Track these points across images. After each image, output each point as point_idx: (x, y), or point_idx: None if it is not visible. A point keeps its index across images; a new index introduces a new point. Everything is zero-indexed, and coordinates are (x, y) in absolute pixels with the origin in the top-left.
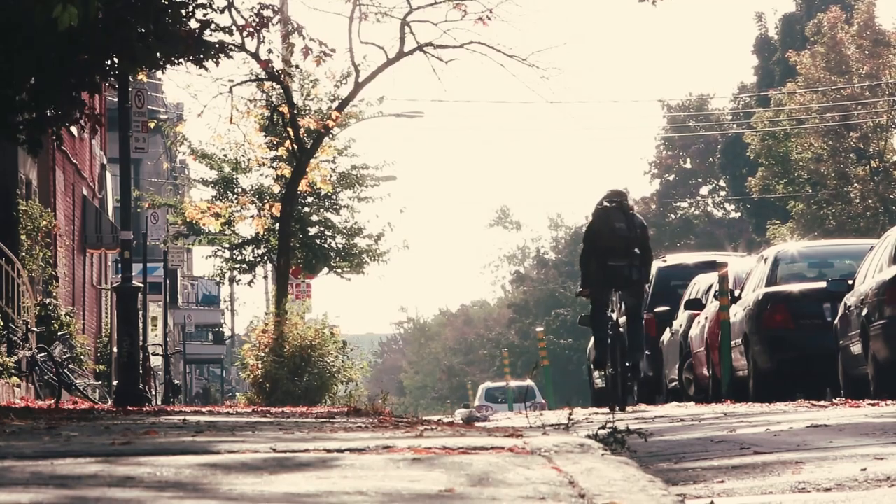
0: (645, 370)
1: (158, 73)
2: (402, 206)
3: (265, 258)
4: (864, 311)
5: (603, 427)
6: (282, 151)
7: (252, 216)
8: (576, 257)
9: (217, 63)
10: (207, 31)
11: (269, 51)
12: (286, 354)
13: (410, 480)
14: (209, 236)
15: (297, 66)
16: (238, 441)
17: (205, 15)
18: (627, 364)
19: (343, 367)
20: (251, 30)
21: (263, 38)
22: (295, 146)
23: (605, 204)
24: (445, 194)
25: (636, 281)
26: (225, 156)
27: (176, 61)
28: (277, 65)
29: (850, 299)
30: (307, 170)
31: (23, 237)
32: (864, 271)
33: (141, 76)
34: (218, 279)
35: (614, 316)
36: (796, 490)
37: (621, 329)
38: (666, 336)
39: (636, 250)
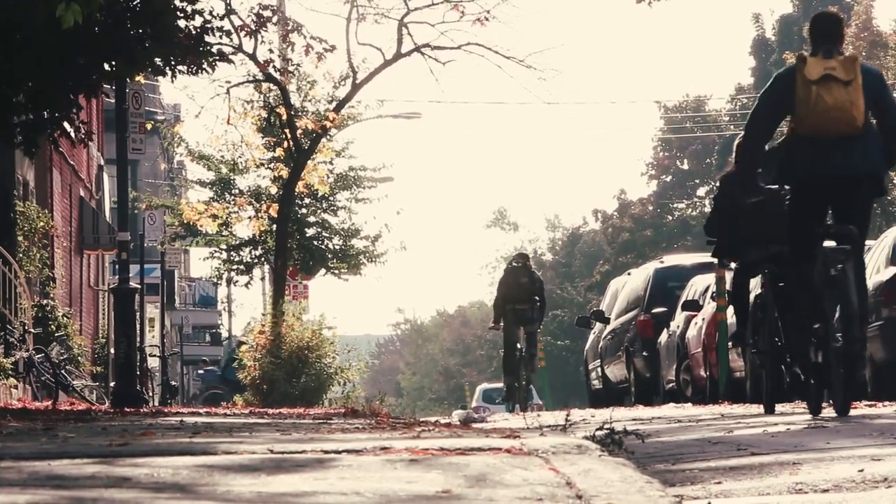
0: (643, 371)
1: (157, 76)
2: (400, 207)
3: (262, 259)
4: None
5: (600, 428)
6: (279, 152)
7: (249, 217)
8: (573, 258)
9: (213, 70)
10: (206, 35)
11: (270, 51)
12: (283, 356)
13: (407, 481)
14: (206, 237)
15: (298, 65)
16: (235, 442)
17: (204, 21)
18: (524, 375)
19: (340, 368)
20: (249, 30)
21: (262, 38)
22: (292, 147)
23: (514, 265)
24: (443, 195)
25: (534, 319)
26: (222, 157)
27: (174, 66)
28: (277, 65)
29: None
30: (304, 171)
31: (20, 238)
32: None
33: (139, 78)
34: (215, 280)
35: (519, 344)
36: (794, 491)
37: (523, 352)
38: (663, 337)
39: (535, 298)
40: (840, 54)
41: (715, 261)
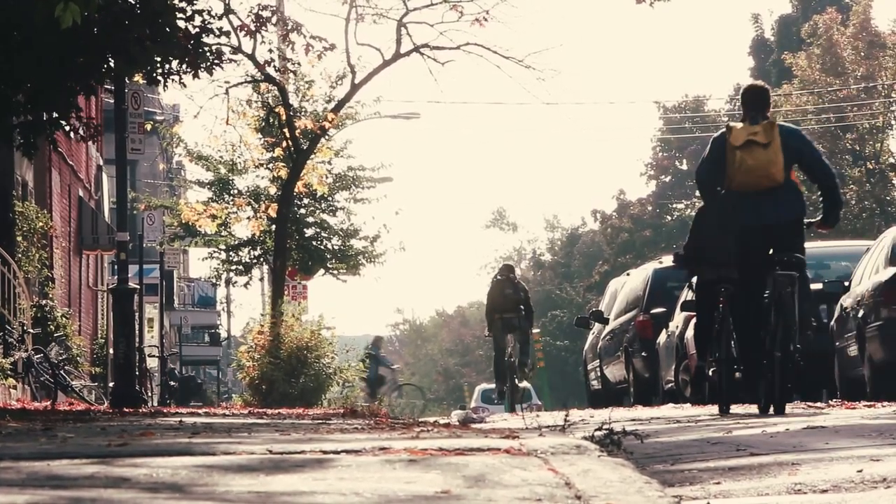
0: (642, 371)
1: (152, 85)
2: (398, 207)
3: (261, 260)
4: (861, 313)
5: (599, 428)
6: (278, 153)
7: (248, 218)
8: (572, 258)
9: (211, 73)
10: (205, 35)
11: (270, 51)
12: (282, 356)
13: (406, 482)
14: (205, 238)
15: (298, 64)
16: (234, 442)
17: (203, 21)
18: (517, 377)
19: (339, 368)
20: (248, 31)
21: (262, 39)
22: (291, 147)
23: (499, 277)
24: (442, 195)
25: (522, 326)
26: (221, 157)
27: (171, 71)
28: (276, 64)
29: (847, 301)
30: (303, 171)
31: (19, 239)
32: (860, 273)
33: (137, 78)
34: (214, 281)
35: (509, 349)
36: (792, 492)
37: (512, 357)
38: (662, 338)
39: (521, 307)
40: (765, 119)
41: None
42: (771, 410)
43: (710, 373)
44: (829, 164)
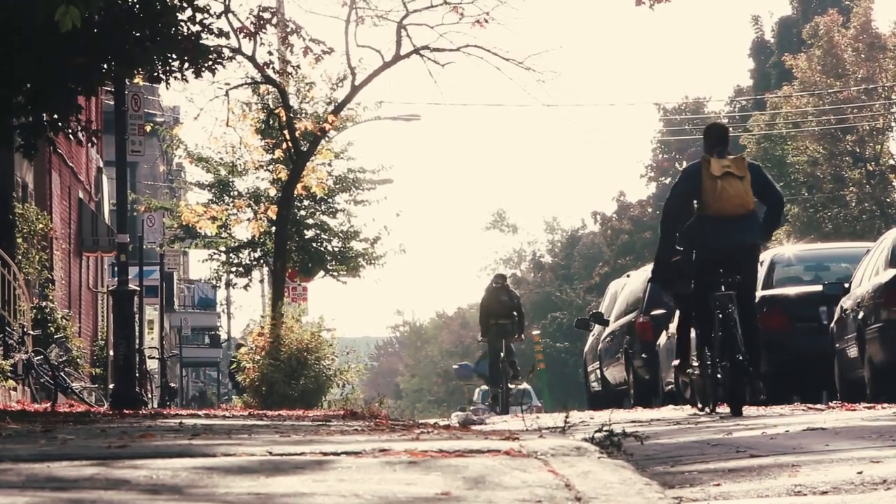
0: (642, 373)
1: (154, 84)
2: (399, 209)
3: (261, 261)
4: (861, 315)
5: (599, 430)
6: (278, 154)
7: (248, 219)
8: (572, 260)
9: (213, 73)
10: (204, 36)
11: (269, 52)
12: (282, 357)
13: (407, 483)
14: (205, 239)
15: (297, 66)
16: (234, 444)
17: (202, 22)
18: (510, 382)
19: (339, 370)
20: (248, 32)
21: (262, 40)
22: (291, 149)
23: (494, 285)
24: (442, 197)
25: (514, 331)
26: (221, 159)
27: (171, 72)
28: (276, 66)
29: (847, 302)
30: (303, 173)
31: (19, 240)
32: (860, 274)
33: (138, 79)
34: (214, 282)
35: (502, 353)
36: (792, 493)
37: (504, 360)
38: (662, 339)
39: (514, 313)
40: (728, 154)
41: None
42: (721, 410)
43: (687, 374)
44: (780, 191)
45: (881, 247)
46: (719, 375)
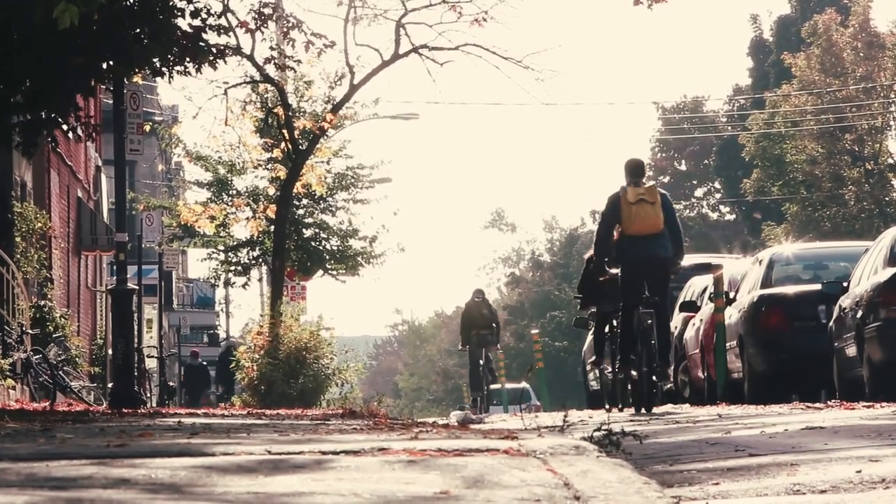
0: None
1: (155, 77)
2: (397, 208)
3: (260, 260)
4: (859, 314)
5: (598, 429)
6: (277, 153)
7: (247, 218)
8: (571, 259)
9: (215, 68)
10: (204, 34)
11: (271, 48)
12: (281, 356)
13: (405, 482)
14: (204, 238)
15: (298, 62)
16: (233, 443)
17: (202, 20)
18: (488, 388)
19: (338, 369)
20: (249, 28)
21: (263, 36)
22: (290, 148)
23: (475, 299)
24: (440, 196)
25: (493, 341)
26: (220, 158)
27: (172, 67)
28: (278, 62)
29: (845, 301)
30: (302, 171)
31: (17, 239)
32: (858, 273)
33: (137, 78)
34: (213, 281)
35: (481, 361)
36: (791, 492)
37: (483, 367)
38: None
39: (493, 324)
40: (644, 184)
41: (712, 262)
42: (643, 410)
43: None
44: (679, 222)
45: (880, 246)
46: (634, 375)
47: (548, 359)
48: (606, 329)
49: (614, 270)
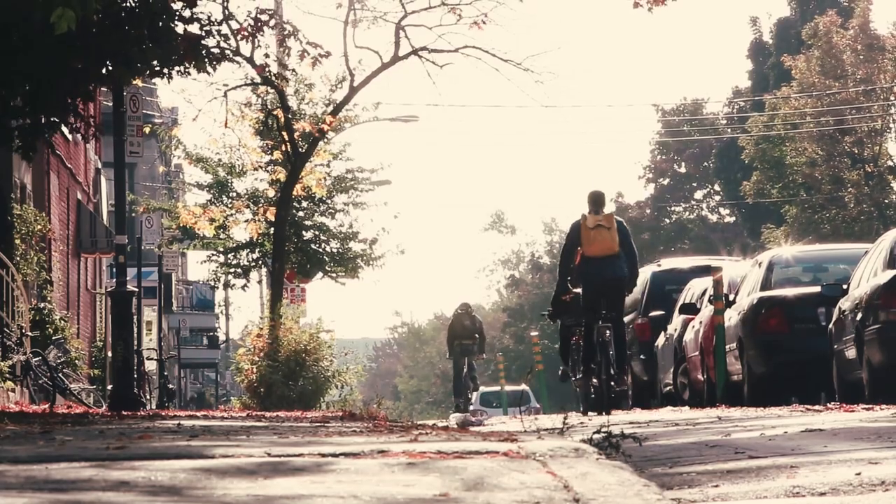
0: (640, 374)
1: (154, 79)
2: (397, 211)
3: (260, 262)
4: (859, 316)
5: (598, 431)
6: (277, 155)
7: (247, 220)
8: None
9: (213, 70)
10: (204, 40)
11: (266, 55)
12: (281, 359)
13: (405, 485)
14: (204, 240)
15: (293, 70)
16: (233, 445)
17: (202, 26)
18: (471, 395)
19: (338, 371)
20: (246, 34)
21: (259, 42)
22: (290, 150)
23: (459, 311)
24: (440, 198)
25: (476, 351)
26: (219, 160)
27: (172, 68)
28: (273, 69)
29: (845, 304)
30: (302, 174)
31: (17, 241)
32: (858, 276)
33: (136, 81)
34: (213, 283)
35: (465, 369)
36: (791, 494)
37: (466, 375)
38: (660, 340)
39: (476, 335)
40: (603, 212)
41: (711, 265)
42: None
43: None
44: (634, 246)
45: (879, 248)
46: (595, 384)
47: (547, 361)
48: (572, 341)
49: (576, 290)
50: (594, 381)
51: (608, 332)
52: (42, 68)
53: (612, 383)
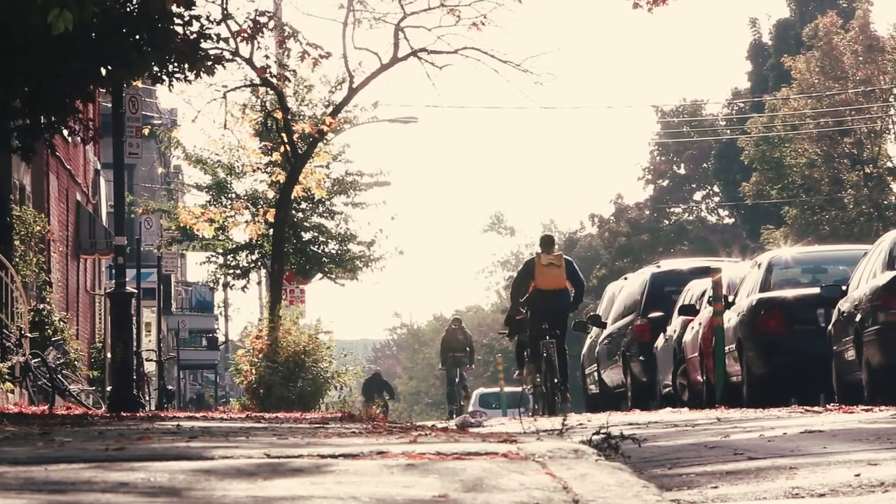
0: (640, 375)
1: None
2: (395, 212)
3: (259, 264)
4: (858, 317)
5: (597, 433)
6: (276, 157)
7: (246, 222)
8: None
9: (212, 74)
10: (203, 42)
11: (266, 56)
12: (280, 360)
13: (404, 486)
14: (203, 242)
15: (293, 71)
16: (232, 447)
17: (201, 27)
18: (462, 403)
19: (337, 372)
20: (245, 35)
21: (259, 44)
22: (289, 151)
23: (452, 326)
24: (439, 200)
25: (466, 362)
26: (219, 161)
27: (171, 73)
28: (273, 70)
29: (844, 305)
30: (301, 175)
31: (16, 243)
32: (857, 277)
33: (136, 82)
34: (212, 285)
35: (457, 379)
36: (790, 496)
37: (458, 384)
38: (660, 342)
39: (467, 348)
40: (554, 252)
41: (711, 266)
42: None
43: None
44: (581, 277)
45: (879, 249)
46: (543, 390)
47: None
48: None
49: (526, 312)
50: (539, 383)
51: (552, 346)
52: (42, 68)
53: (556, 389)
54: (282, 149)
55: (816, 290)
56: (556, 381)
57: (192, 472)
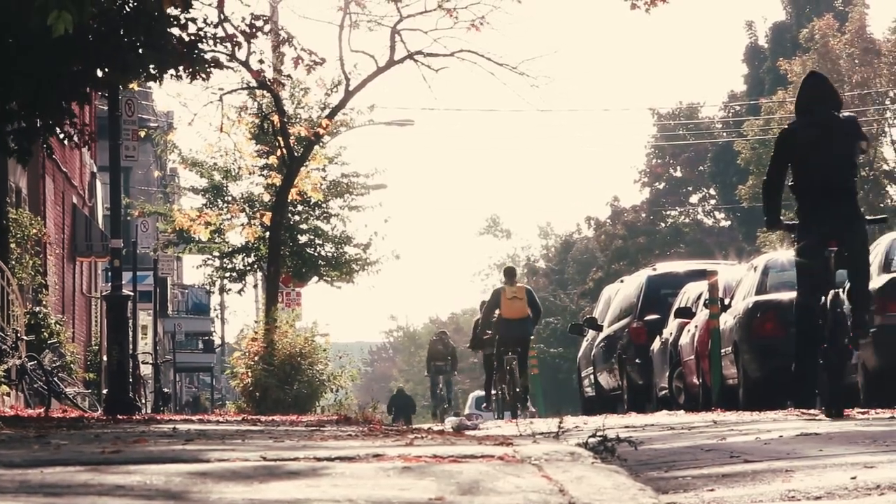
0: (636, 378)
1: (148, 82)
2: (390, 215)
3: (255, 266)
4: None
5: (593, 435)
6: (272, 160)
7: (242, 224)
8: (566, 265)
9: (207, 77)
10: (200, 44)
11: (261, 60)
12: (276, 363)
13: (400, 489)
14: (199, 245)
15: (288, 76)
16: (228, 449)
17: (198, 29)
18: (446, 406)
19: (333, 375)
20: (238, 42)
21: (254, 48)
22: (285, 154)
23: (434, 338)
24: (436, 202)
25: (450, 371)
26: (215, 164)
27: (168, 73)
28: (268, 74)
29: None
30: (297, 178)
31: (12, 245)
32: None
33: (132, 85)
34: (208, 288)
35: (440, 385)
36: (786, 498)
37: (441, 390)
38: (656, 344)
39: (449, 357)
40: (516, 284)
41: (707, 269)
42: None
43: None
44: (539, 304)
45: (874, 252)
46: (507, 398)
47: (543, 365)
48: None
49: (491, 332)
50: (506, 395)
51: (515, 361)
52: (38, 73)
53: (517, 397)
54: (278, 152)
55: None
56: (517, 390)
57: (188, 474)
